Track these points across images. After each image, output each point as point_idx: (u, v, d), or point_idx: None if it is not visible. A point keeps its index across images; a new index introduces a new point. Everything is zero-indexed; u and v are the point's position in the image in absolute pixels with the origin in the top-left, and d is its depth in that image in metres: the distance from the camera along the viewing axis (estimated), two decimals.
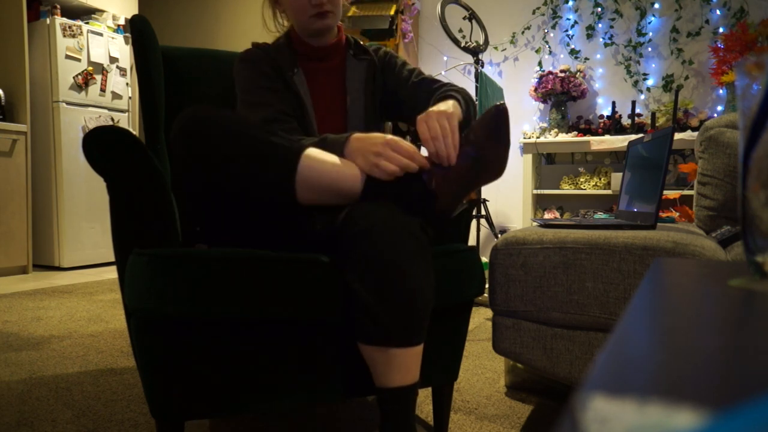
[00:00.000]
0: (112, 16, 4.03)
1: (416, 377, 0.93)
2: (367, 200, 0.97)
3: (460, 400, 1.40)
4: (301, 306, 0.93)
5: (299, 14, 1.20)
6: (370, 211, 0.93)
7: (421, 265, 0.92)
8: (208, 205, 1.02)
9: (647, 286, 0.41)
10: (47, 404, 1.33)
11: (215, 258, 0.89)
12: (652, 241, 1.04)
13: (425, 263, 0.93)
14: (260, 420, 1.27)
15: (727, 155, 1.63)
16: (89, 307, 2.47)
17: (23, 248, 3.39)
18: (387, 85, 1.30)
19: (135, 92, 4.12)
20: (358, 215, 0.94)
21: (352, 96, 1.26)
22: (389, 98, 1.30)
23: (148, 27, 1.32)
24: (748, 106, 0.39)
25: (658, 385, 0.19)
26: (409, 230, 0.92)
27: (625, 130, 3.31)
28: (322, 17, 1.19)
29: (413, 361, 0.92)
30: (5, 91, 3.43)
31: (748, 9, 3.17)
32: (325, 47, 1.26)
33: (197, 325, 0.92)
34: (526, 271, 1.16)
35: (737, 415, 0.15)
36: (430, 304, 0.93)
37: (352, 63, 1.28)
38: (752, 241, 0.41)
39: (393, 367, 0.90)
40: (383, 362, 0.90)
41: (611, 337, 0.25)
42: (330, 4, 1.18)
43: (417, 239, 0.93)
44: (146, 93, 1.30)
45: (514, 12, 3.80)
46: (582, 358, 1.12)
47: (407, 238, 0.92)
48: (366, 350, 0.92)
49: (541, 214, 3.64)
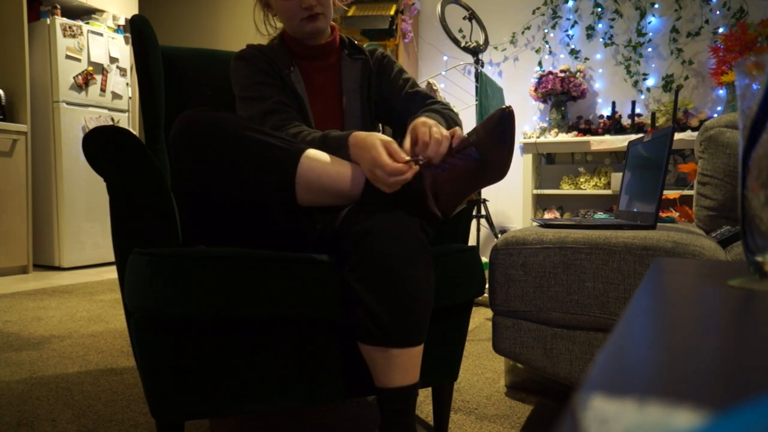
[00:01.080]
0: (112, 16, 4.03)
1: (416, 378, 0.93)
2: (367, 200, 0.97)
3: (460, 400, 1.40)
4: (301, 305, 0.93)
5: (290, 18, 1.20)
6: (370, 212, 0.94)
7: (421, 265, 0.92)
8: (208, 206, 1.02)
9: (647, 286, 0.41)
10: (47, 404, 1.33)
11: (215, 257, 0.89)
12: (652, 241, 1.04)
13: (425, 264, 0.93)
14: (260, 420, 1.27)
15: (727, 155, 1.63)
16: (89, 307, 2.47)
17: (23, 248, 3.39)
18: (381, 89, 1.30)
19: (135, 92, 4.12)
20: (359, 215, 0.94)
21: (348, 96, 1.26)
22: (381, 102, 1.30)
23: (148, 27, 1.32)
24: (748, 106, 0.39)
25: (658, 385, 0.19)
26: (409, 230, 0.93)
27: (625, 130, 3.31)
28: (313, 20, 1.19)
29: (413, 361, 0.92)
30: (5, 91, 3.43)
31: (747, 9, 3.17)
32: (320, 46, 1.26)
33: (197, 325, 0.92)
34: (526, 271, 1.16)
35: (737, 415, 0.15)
36: (430, 304, 0.93)
37: (348, 62, 1.28)
38: (752, 241, 0.41)
39: (393, 368, 0.90)
40: (383, 362, 0.90)
41: (611, 337, 0.25)
42: (320, 6, 1.18)
43: (417, 240, 0.93)
44: (146, 93, 1.30)
45: (514, 12, 3.80)
46: (582, 358, 1.12)
47: (408, 239, 0.92)
48: (366, 350, 0.92)
49: (541, 214, 3.64)
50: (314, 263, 0.94)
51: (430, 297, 0.93)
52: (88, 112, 3.74)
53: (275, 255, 0.92)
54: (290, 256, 0.93)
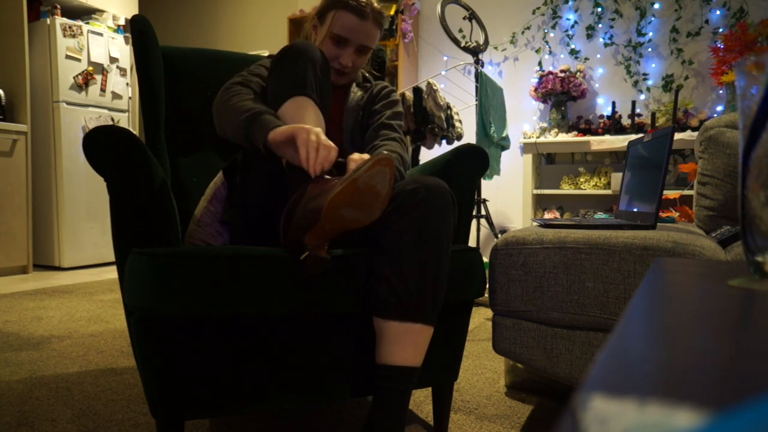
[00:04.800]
0: (112, 16, 4.03)
1: (420, 361, 0.96)
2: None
3: (460, 400, 1.40)
4: (301, 302, 0.93)
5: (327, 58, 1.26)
6: (415, 189, 0.98)
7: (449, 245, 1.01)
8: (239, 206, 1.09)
9: (647, 286, 0.41)
10: (47, 404, 1.33)
11: (214, 256, 0.89)
12: (652, 241, 1.04)
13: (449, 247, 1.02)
14: (260, 420, 1.27)
15: (727, 155, 1.63)
16: (89, 307, 2.47)
17: (23, 248, 3.39)
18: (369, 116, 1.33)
19: (135, 92, 4.12)
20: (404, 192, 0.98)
21: (346, 114, 1.31)
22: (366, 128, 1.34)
23: (148, 27, 1.32)
24: (748, 106, 0.39)
25: (658, 385, 0.19)
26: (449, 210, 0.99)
27: (625, 130, 3.31)
28: (340, 74, 1.27)
29: (422, 340, 0.95)
30: (5, 91, 3.43)
31: (747, 9, 3.17)
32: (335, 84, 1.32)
33: (197, 325, 0.92)
34: (526, 271, 1.16)
35: (737, 415, 0.15)
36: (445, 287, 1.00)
37: (355, 88, 1.35)
38: (752, 241, 0.41)
39: (403, 343, 0.93)
40: (395, 337, 0.93)
41: (611, 337, 0.25)
42: (352, 68, 1.27)
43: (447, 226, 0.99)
44: (146, 93, 1.30)
45: (514, 12, 3.80)
46: (582, 358, 1.12)
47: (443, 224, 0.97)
48: (380, 325, 0.95)
49: (541, 214, 3.64)
50: None
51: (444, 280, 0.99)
52: (88, 112, 3.74)
53: (274, 253, 0.92)
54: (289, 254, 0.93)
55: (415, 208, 0.95)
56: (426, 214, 0.95)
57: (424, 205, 0.96)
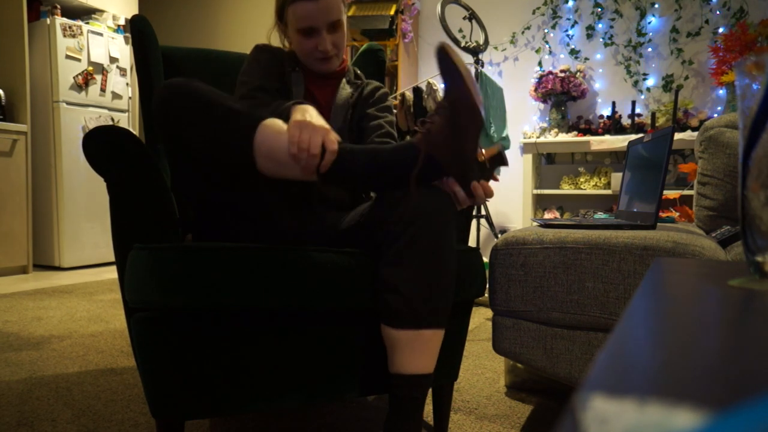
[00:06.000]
0: (112, 16, 4.03)
1: (432, 367, 0.96)
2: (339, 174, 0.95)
3: (460, 400, 1.40)
4: (303, 296, 0.93)
5: (304, 56, 1.25)
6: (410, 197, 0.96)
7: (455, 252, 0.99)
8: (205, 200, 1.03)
9: (647, 286, 0.41)
10: (47, 404, 1.33)
11: (216, 249, 0.89)
12: (652, 241, 1.04)
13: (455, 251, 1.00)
14: (260, 420, 1.27)
15: (727, 155, 1.63)
16: (89, 307, 2.47)
17: (23, 248, 3.39)
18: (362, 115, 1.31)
19: (135, 92, 4.12)
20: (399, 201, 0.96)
21: (335, 111, 1.28)
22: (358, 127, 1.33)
23: (148, 27, 1.32)
24: (748, 106, 0.39)
25: (658, 385, 0.19)
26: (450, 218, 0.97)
27: (625, 130, 3.31)
28: (327, 61, 1.25)
29: (435, 345, 0.95)
30: (5, 91, 3.43)
31: (747, 9, 3.17)
32: (327, 73, 1.30)
33: (197, 324, 0.92)
34: (526, 271, 1.16)
35: (737, 415, 0.15)
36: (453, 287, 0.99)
37: (344, 84, 1.33)
38: (752, 241, 0.41)
39: (417, 351, 0.93)
40: (408, 346, 0.93)
41: (611, 337, 0.25)
42: (335, 49, 1.23)
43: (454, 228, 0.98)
44: (146, 93, 1.30)
45: (514, 12, 3.80)
46: (582, 358, 1.12)
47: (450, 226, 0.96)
48: (391, 335, 0.94)
49: (541, 214, 3.64)
50: (316, 254, 0.94)
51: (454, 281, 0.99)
52: (88, 112, 3.74)
53: (276, 248, 0.92)
54: (291, 249, 0.93)
55: (420, 216, 0.94)
56: (432, 221, 0.94)
57: (430, 213, 0.94)
